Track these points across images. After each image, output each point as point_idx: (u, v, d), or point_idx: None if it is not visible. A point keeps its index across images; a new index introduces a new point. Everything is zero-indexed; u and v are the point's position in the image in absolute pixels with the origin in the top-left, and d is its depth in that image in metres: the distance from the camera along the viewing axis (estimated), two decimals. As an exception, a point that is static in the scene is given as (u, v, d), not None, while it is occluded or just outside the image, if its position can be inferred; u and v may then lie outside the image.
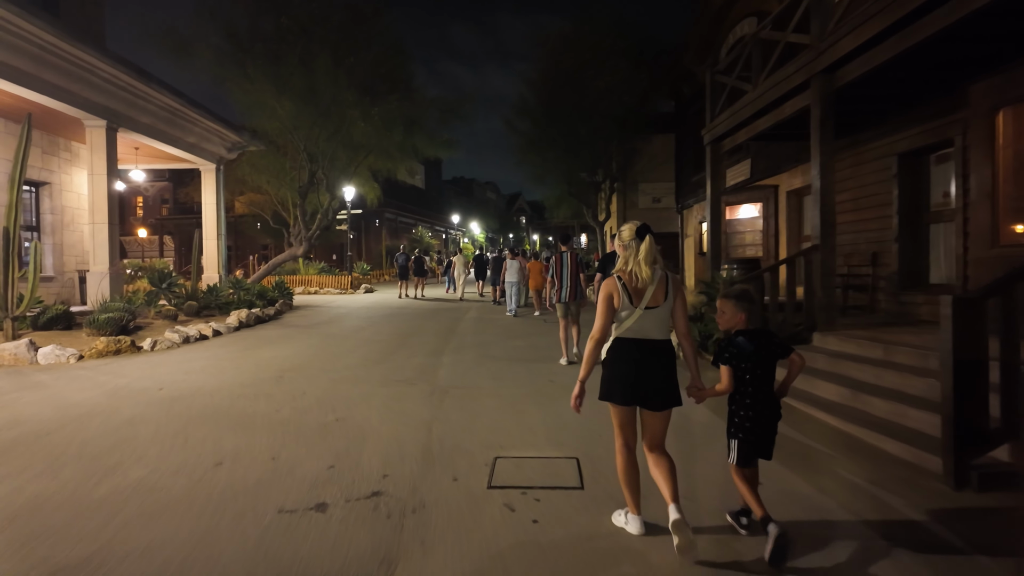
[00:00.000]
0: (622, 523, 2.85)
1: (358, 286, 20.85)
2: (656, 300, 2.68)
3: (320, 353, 8.23)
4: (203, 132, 14.50)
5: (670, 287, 2.71)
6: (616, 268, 2.80)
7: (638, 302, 2.67)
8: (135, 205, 49.51)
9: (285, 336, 9.94)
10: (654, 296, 2.67)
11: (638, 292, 2.69)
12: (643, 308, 2.66)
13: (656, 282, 2.68)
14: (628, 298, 2.68)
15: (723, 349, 2.76)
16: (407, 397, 5.62)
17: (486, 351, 8.34)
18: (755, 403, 2.69)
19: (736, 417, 2.74)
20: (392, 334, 10.10)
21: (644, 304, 2.66)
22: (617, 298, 2.70)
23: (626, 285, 2.70)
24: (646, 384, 2.67)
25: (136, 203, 49.70)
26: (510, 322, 11.77)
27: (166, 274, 11.43)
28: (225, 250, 16.13)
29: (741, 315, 2.77)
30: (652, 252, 2.71)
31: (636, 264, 2.70)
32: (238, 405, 5.36)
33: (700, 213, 15.33)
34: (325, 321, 12.00)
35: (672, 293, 2.71)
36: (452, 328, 10.87)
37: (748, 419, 2.69)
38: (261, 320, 11.49)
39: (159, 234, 45.96)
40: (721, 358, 2.75)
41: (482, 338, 9.62)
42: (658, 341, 2.70)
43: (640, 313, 2.67)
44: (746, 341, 2.72)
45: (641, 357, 2.68)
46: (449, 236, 53.52)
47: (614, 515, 2.93)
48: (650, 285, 2.67)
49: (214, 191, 15.84)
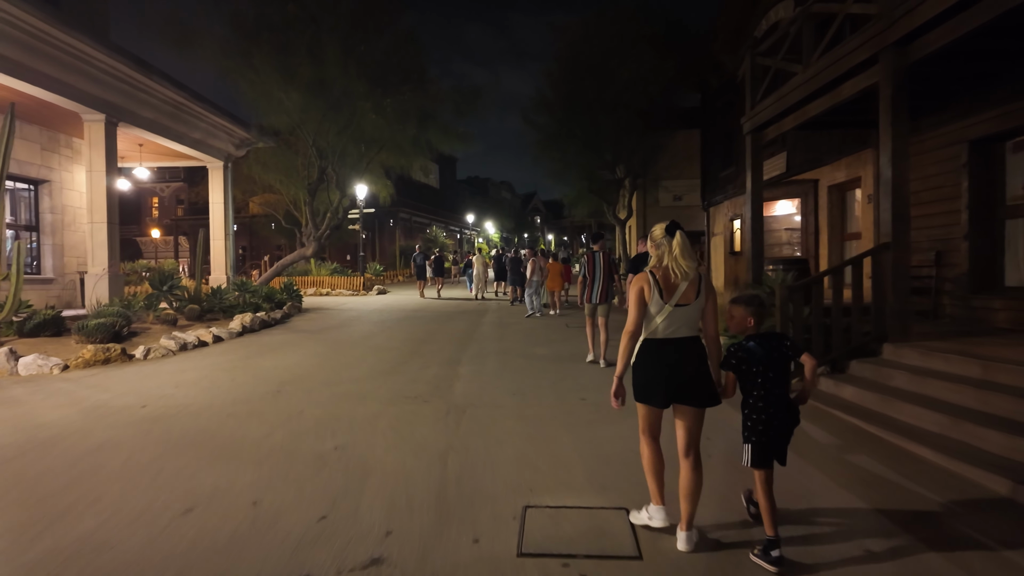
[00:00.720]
0: (645, 519, 2.83)
1: (371, 287, 20.25)
2: (687, 298, 2.66)
3: (325, 363, 7.56)
4: (209, 128, 13.95)
5: (703, 287, 2.69)
6: (650, 264, 2.79)
7: (669, 299, 2.65)
8: (151, 206, 49.64)
9: (290, 343, 9.30)
10: (685, 294, 2.66)
11: (670, 288, 2.67)
12: (673, 305, 2.64)
13: (690, 280, 2.66)
14: (659, 293, 2.66)
15: (731, 355, 2.74)
16: (418, 419, 4.91)
17: (506, 361, 7.61)
18: (767, 406, 2.65)
19: (749, 421, 2.70)
20: (405, 340, 9.41)
21: (675, 301, 2.64)
22: (648, 292, 2.69)
23: (658, 281, 2.68)
24: (682, 383, 2.65)
25: (152, 204, 49.82)
26: (531, 325, 11.04)
27: (167, 276, 10.86)
28: (234, 251, 15.59)
29: (751, 319, 2.76)
30: (686, 246, 2.69)
31: (672, 259, 2.68)
32: (226, 427, 4.69)
33: (731, 210, 14.46)
34: (334, 325, 11.36)
35: (704, 293, 2.69)
36: (470, 333, 10.16)
37: (761, 422, 2.65)
38: (267, 324, 10.88)
39: (174, 235, 45.96)
40: (727, 364, 2.75)
41: (502, 344, 8.89)
42: (688, 339, 2.69)
43: (670, 310, 2.65)
44: (756, 345, 2.69)
45: (673, 357, 2.66)
46: (464, 236, 52.92)
47: (632, 514, 2.93)
48: (683, 281, 2.65)
49: (222, 189, 15.31)
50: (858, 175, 10.31)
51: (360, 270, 20.23)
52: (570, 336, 9.65)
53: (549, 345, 8.81)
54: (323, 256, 37.98)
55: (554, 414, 5.02)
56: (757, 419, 2.67)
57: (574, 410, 5.14)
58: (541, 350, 8.39)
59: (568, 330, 10.43)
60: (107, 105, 10.75)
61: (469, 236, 52.08)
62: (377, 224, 37.51)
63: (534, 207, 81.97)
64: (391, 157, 15.28)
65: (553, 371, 6.88)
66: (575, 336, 9.55)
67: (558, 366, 7.18)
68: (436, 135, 15.06)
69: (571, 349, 8.35)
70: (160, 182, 48.83)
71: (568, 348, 8.46)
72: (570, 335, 9.76)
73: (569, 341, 9.10)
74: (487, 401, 5.50)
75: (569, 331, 10.27)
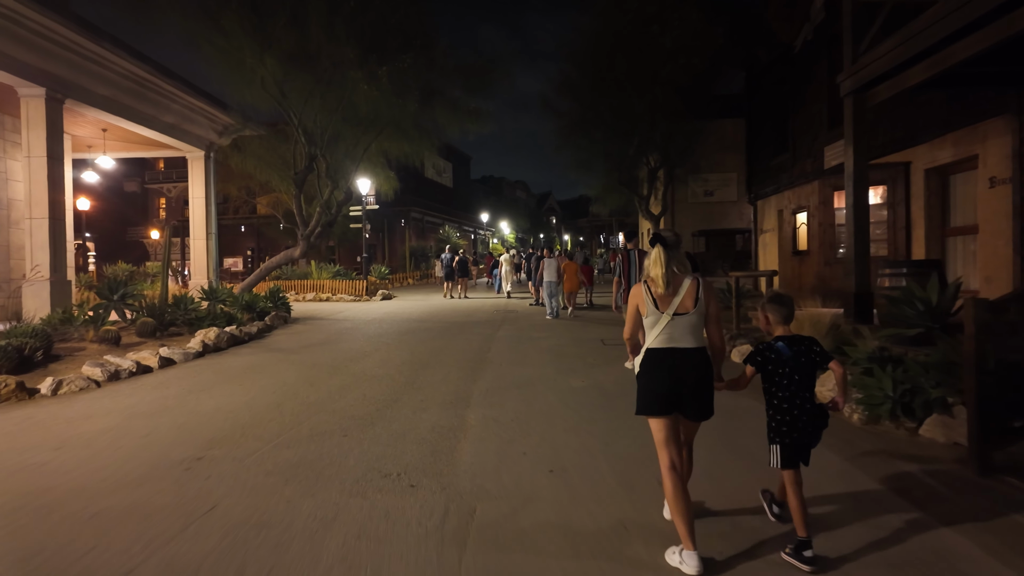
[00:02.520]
0: (677, 562, 2.52)
1: (375, 292, 18.37)
2: (685, 307, 2.60)
3: (287, 401, 5.62)
4: (184, 110, 12.14)
5: (701, 292, 2.62)
6: (644, 275, 2.75)
7: (665, 308, 2.61)
8: (158, 207, 48.61)
9: (256, 367, 7.39)
10: (683, 302, 2.60)
11: (663, 298, 2.63)
12: (671, 314, 2.59)
13: (684, 288, 2.61)
14: (654, 303, 2.63)
15: (758, 352, 2.72)
16: (391, 535, 2.90)
17: (533, 399, 5.60)
18: (791, 407, 2.63)
19: (773, 422, 2.68)
20: (402, 364, 7.46)
21: (672, 310, 2.59)
22: (643, 305, 2.67)
23: (651, 291, 2.65)
24: (681, 393, 2.59)
25: (159, 204, 48.78)
26: (558, 341, 9.02)
27: (118, 282, 9.02)
28: (217, 252, 13.78)
29: (780, 320, 2.74)
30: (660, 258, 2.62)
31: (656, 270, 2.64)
32: (64, 550, 2.75)
33: (791, 202, 12.29)
34: (320, 342, 9.44)
35: (704, 299, 2.62)
36: (483, 352, 8.18)
37: (785, 423, 2.63)
38: (237, 341, 8.99)
39: (180, 236, 44.82)
40: (753, 360, 2.72)
41: (525, 371, 6.89)
42: (691, 350, 2.61)
43: (668, 319, 2.59)
44: (785, 347, 2.67)
45: (674, 366, 2.59)
46: (478, 236, 51.06)
47: (667, 553, 2.59)
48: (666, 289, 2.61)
49: (203, 183, 13.53)
50: (973, 153, 8.13)
51: (363, 273, 18.34)
52: (609, 357, 7.62)
53: (587, 372, 6.77)
54: (332, 258, 36.30)
55: (622, 518, 3.00)
56: (782, 420, 2.64)
57: (649, 517, 3.09)
58: (577, 380, 6.36)
59: (605, 348, 8.40)
60: (48, 77, 8.95)
61: (484, 236, 50.19)
62: (386, 224, 35.73)
63: (549, 207, 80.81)
64: (392, 143, 13.24)
65: (602, 420, 4.86)
66: (615, 356, 7.52)
67: (607, 411, 5.15)
68: (444, 114, 12.82)
69: (615, 378, 6.32)
70: (167, 182, 47.74)
71: (611, 377, 6.44)
72: (609, 356, 7.72)
73: (610, 365, 7.07)
74: (509, 487, 3.48)
75: (607, 350, 8.24)
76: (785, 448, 2.61)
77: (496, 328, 10.83)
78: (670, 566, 2.53)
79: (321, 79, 10.97)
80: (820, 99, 12.12)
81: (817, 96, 12.25)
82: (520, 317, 12.65)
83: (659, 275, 2.60)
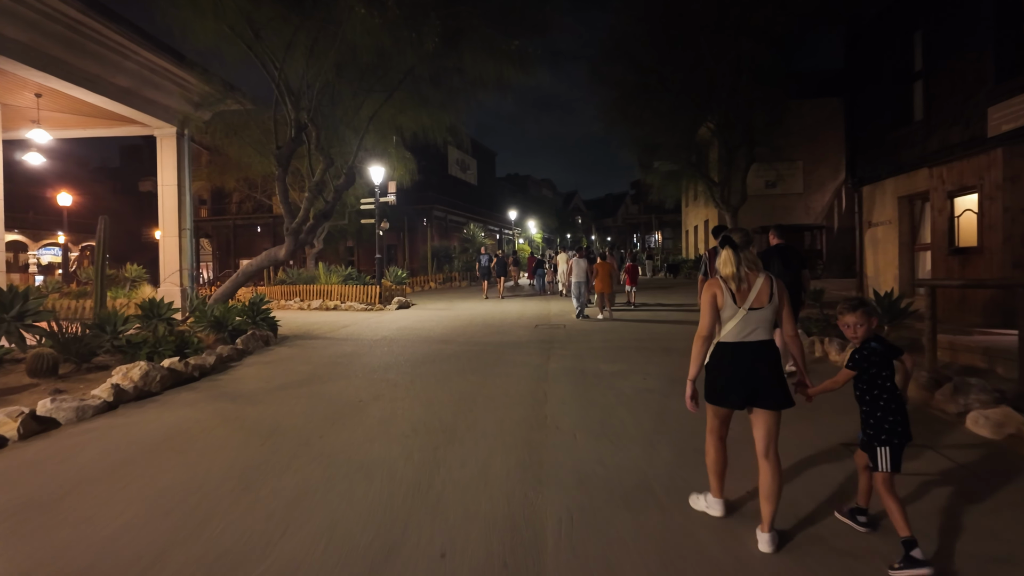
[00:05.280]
0: (703, 506, 2.96)
1: (390, 299, 15.62)
2: (760, 301, 2.71)
3: (176, 550, 2.81)
4: (141, 71, 9.52)
5: (775, 289, 2.74)
6: (720, 271, 2.80)
7: (742, 302, 2.71)
8: (173, 207, 46.88)
9: (177, 439, 4.62)
10: (758, 297, 2.71)
11: (742, 293, 2.72)
12: (747, 309, 2.70)
13: (758, 285, 2.71)
14: (732, 298, 2.72)
15: (858, 352, 2.72)
16: None
17: (669, 555, 2.71)
18: (899, 408, 2.66)
19: (886, 423, 2.65)
20: (411, 430, 4.63)
21: (748, 305, 2.70)
22: (720, 297, 2.75)
23: (730, 286, 2.74)
24: (756, 385, 2.70)
25: (175, 204, 47.06)
26: (643, 381, 6.08)
27: (19, 295, 6.36)
28: (193, 252, 11.16)
29: (874, 320, 2.73)
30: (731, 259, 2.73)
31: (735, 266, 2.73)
32: None
33: (943, 182, 9.09)
34: (300, 380, 6.67)
35: (778, 295, 2.74)
36: (536, 403, 5.29)
37: (899, 423, 2.64)
38: (181, 379, 6.25)
39: (195, 237, 42.89)
40: (854, 363, 2.71)
41: (615, 452, 3.99)
42: (763, 342, 2.74)
43: (744, 314, 2.70)
44: (879, 345, 2.70)
45: (748, 359, 2.71)
46: (504, 236, 48.29)
47: (692, 498, 3.05)
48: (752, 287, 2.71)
49: (175, 166, 10.93)
50: None
51: (376, 277, 15.60)
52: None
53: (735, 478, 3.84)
54: (351, 260, 33.76)
55: None
56: (895, 420, 2.64)
57: None
58: (738, 489, 3.43)
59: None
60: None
61: (510, 236, 47.42)
62: (407, 223, 33.09)
63: (575, 207, 78.62)
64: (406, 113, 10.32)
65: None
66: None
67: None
68: (475, 57, 9.22)
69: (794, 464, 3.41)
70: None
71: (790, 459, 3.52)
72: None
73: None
74: None
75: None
76: (895, 449, 2.62)
77: (546, 354, 7.92)
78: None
79: (305, 9, 8.10)
80: (979, 43, 8.95)
81: (973, 40, 9.09)
82: (573, 334, 9.72)
83: (730, 275, 2.73)
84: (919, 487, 3.33)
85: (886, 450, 2.62)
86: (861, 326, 2.70)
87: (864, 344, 2.70)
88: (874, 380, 2.68)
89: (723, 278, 2.75)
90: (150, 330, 7.05)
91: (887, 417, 2.64)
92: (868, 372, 2.68)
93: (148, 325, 7.18)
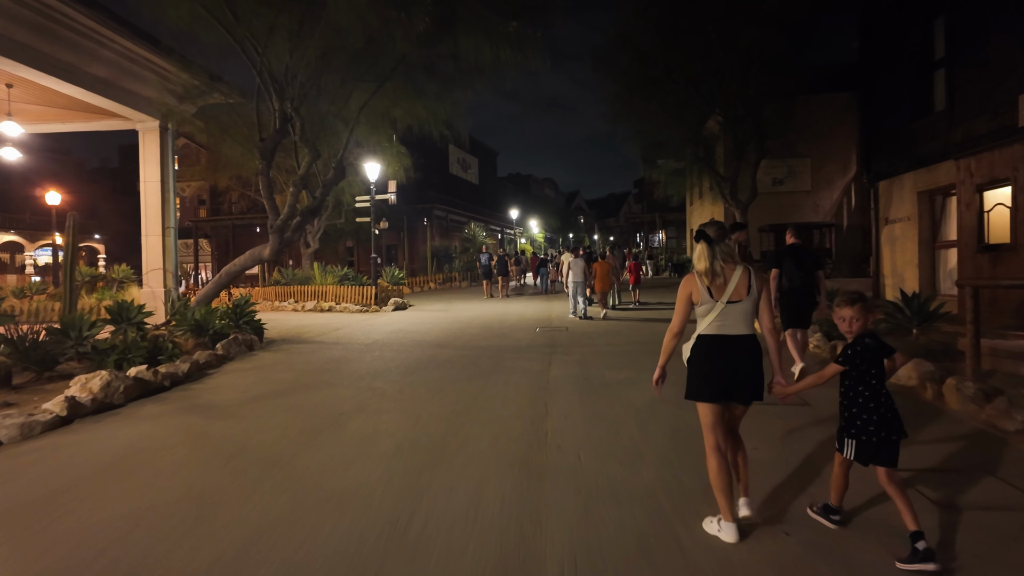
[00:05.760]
0: (715, 530, 2.71)
1: (386, 300, 15.10)
2: (739, 294, 2.67)
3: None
4: (119, 60, 9.04)
5: (753, 281, 2.69)
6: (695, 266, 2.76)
7: (719, 296, 2.67)
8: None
9: (134, 459, 4.12)
10: (736, 290, 2.66)
11: (718, 286, 2.69)
12: (724, 302, 2.66)
13: (736, 277, 2.67)
14: (708, 292, 2.69)
15: (850, 347, 2.63)
16: None
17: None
18: (878, 405, 2.57)
19: (859, 420, 2.58)
20: (397, 447, 4.11)
21: (726, 298, 2.66)
22: (696, 293, 2.73)
23: (705, 280, 2.71)
24: (733, 379, 2.68)
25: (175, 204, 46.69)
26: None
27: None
28: (174, 250, 10.66)
29: (871, 316, 2.64)
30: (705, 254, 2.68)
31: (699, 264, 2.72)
32: None
33: (972, 174, 8.53)
34: (281, 390, 6.16)
35: (756, 287, 2.69)
36: (536, 416, 4.77)
37: (872, 422, 2.56)
38: (149, 389, 5.74)
39: (195, 237, 42.72)
40: (846, 358, 2.61)
41: (624, 475, 3.48)
42: (743, 336, 2.69)
43: (722, 307, 2.66)
44: (873, 342, 2.62)
45: (727, 352, 2.68)
46: (506, 235, 47.76)
47: (705, 522, 2.79)
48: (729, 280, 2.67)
49: (158, 161, 10.46)
50: None
51: (372, 277, 15.09)
52: (789, 430, 4.13)
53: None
54: (351, 260, 33.25)
55: None
56: (868, 419, 2.56)
57: None
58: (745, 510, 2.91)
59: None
60: None
61: (512, 236, 46.92)
62: (407, 222, 32.56)
63: (577, 207, 78.32)
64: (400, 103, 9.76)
65: None
66: (801, 430, 4.04)
67: None
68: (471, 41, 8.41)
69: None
70: (180, 181, 45.61)
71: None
72: (787, 426, 4.22)
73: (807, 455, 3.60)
74: None
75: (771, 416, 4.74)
76: (863, 444, 2.56)
77: (547, 360, 7.39)
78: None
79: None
80: (1007, 27, 8.43)
81: (1000, 24, 8.56)
82: (576, 337, 9.19)
83: (704, 269, 2.70)
84: (982, 523, 2.80)
85: (852, 443, 2.60)
86: (857, 321, 2.62)
87: (858, 339, 2.62)
88: (862, 377, 2.61)
89: (698, 273, 2.72)
90: (119, 335, 6.54)
91: (861, 414, 2.58)
92: (858, 368, 2.60)
93: (120, 330, 6.68)
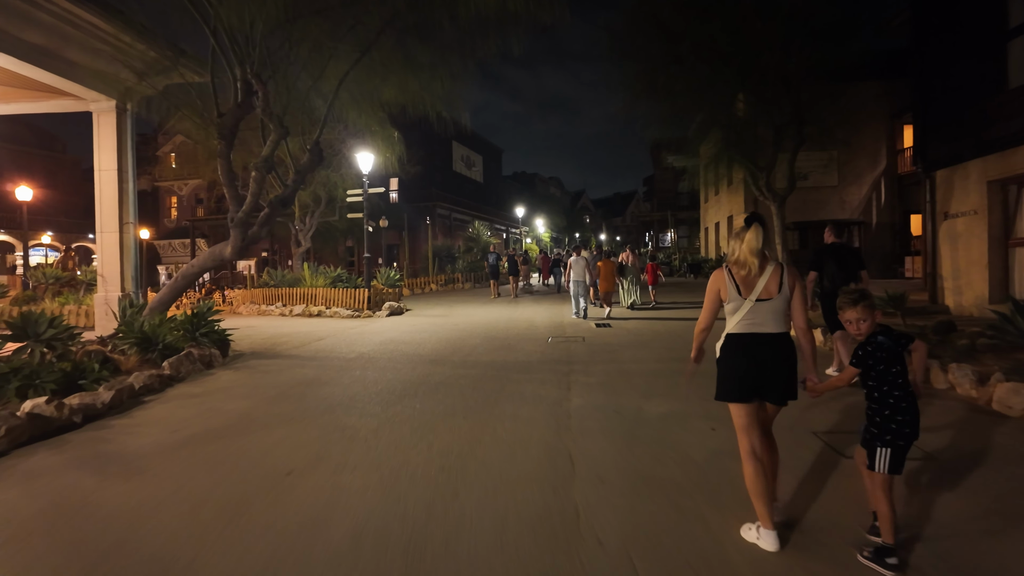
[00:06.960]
0: (754, 538, 2.60)
1: (380, 304, 13.75)
2: (769, 292, 2.57)
3: None
4: (60, 25, 7.70)
5: (784, 278, 2.59)
6: (727, 259, 2.70)
7: (747, 293, 2.59)
8: (169, 206, 45.56)
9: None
10: (766, 288, 2.57)
11: (747, 283, 2.60)
12: (754, 300, 2.57)
13: (767, 273, 2.58)
14: (737, 289, 2.60)
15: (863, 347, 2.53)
16: None
17: None
18: (909, 406, 2.46)
19: (893, 423, 2.46)
20: (354, 541, 2.75)
21: (755, 296, 2.57)
22: (724, 291, 2.65)
23: (734, 276, 2.63)
24: (764, 379, 2.58)
25: (170, 204, 45.70)
26: (715, 438, 4.19)
27: None
28: (134, 249, 9.32)
29: (877, 313, 2.55)
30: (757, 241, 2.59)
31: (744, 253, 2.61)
32: None
33: (1021, 162, 7.12)
34: (225, 427, 4.80)
35: (788, 285, 2.59)
36: (558, 477, 3.42)
37: (907, 424, 2.46)
38: (50, 430, 4.37)
39: (192, 237, 41.66)
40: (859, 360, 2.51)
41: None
42: (775, 335, 2.59)
43: (751, 305, 2.57)
44: (887, 339, 2.50)
45: (757, 351, 2.58)
46: (511, 235, 46.43)
47: (743, 529, 2.67)
48: (759, 276, 2.57)
49: (114, 148, 9.11)
50: None
51: (365, 279, 13.72)
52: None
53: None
54: (350, 260, 31.95)
55: None
56: (903, 420, 2.45)
57: None
58: None
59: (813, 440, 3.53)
60: None
61: (517, 235, 45.58)
62: (408, 221, 31.25)
63: (583, 206, 77.24)
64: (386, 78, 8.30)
65: None
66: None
67: None
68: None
69: None
70: (178, 180, 44.48)
71: None
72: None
73: None
74: None
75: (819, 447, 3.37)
76: (898, 451, 2.47)
77: (564, 382, 6.00)
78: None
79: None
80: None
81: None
82: (594, 349, 7.80)
83: (754, 250, 2.57)
84: None
85: (887, 452, 2.47)
86: (864, 321, 2.52)
87: (869, 339, 2.53)
88: (883, 376, 2.49)
89: (734, 264, 2.64)
90: (23, 354, 5.21)
91: (895, 416, 2.46)
92: (876, 368, 2.50)
93: (24, 348, 5.34)
